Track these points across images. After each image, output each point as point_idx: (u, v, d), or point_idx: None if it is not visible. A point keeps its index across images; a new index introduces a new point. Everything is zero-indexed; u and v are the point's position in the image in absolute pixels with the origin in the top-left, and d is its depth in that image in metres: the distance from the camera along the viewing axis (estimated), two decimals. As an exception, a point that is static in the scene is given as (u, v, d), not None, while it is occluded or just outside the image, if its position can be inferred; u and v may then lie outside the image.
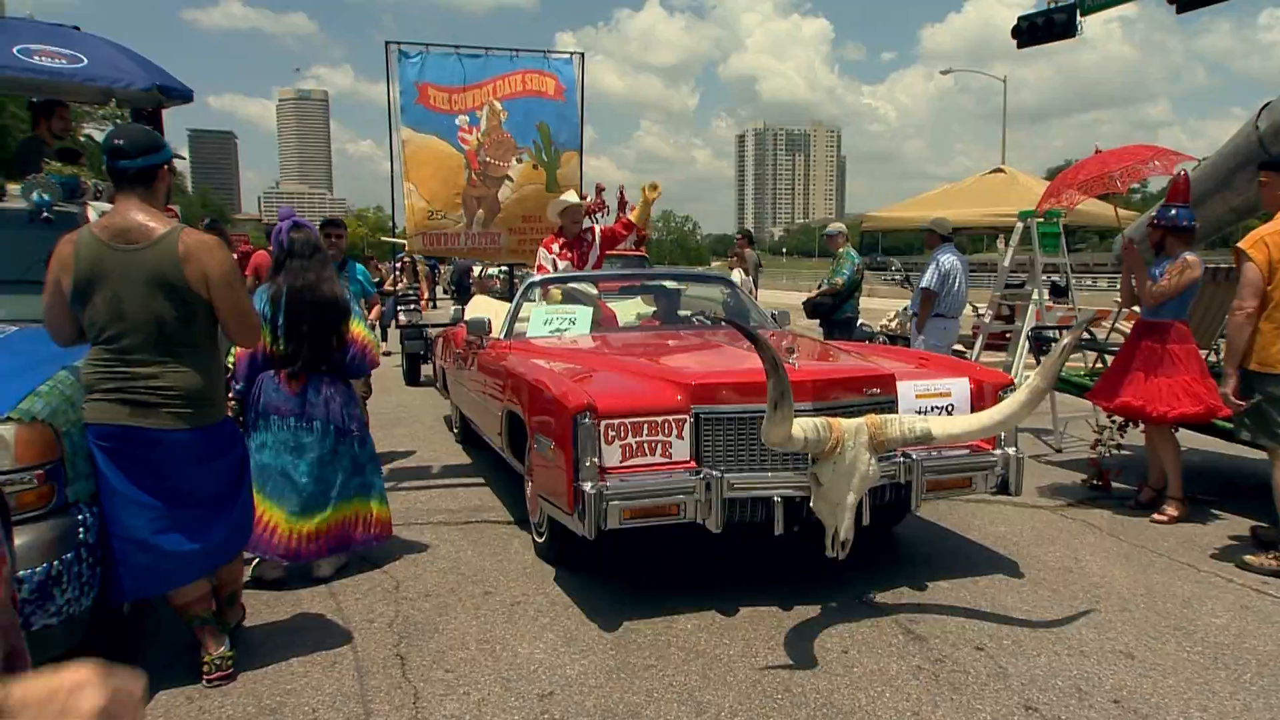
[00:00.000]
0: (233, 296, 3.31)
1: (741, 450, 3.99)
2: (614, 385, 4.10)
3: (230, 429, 3.54)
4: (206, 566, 3.49)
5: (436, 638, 3.95)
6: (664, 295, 6.74)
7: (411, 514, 5.88)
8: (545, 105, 9.15)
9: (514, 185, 9.09)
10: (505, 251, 9.34)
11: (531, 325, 5.88)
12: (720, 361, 4.69)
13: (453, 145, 8.95)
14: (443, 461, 7.64)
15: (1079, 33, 12.49)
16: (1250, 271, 4.46)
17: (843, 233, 10.54)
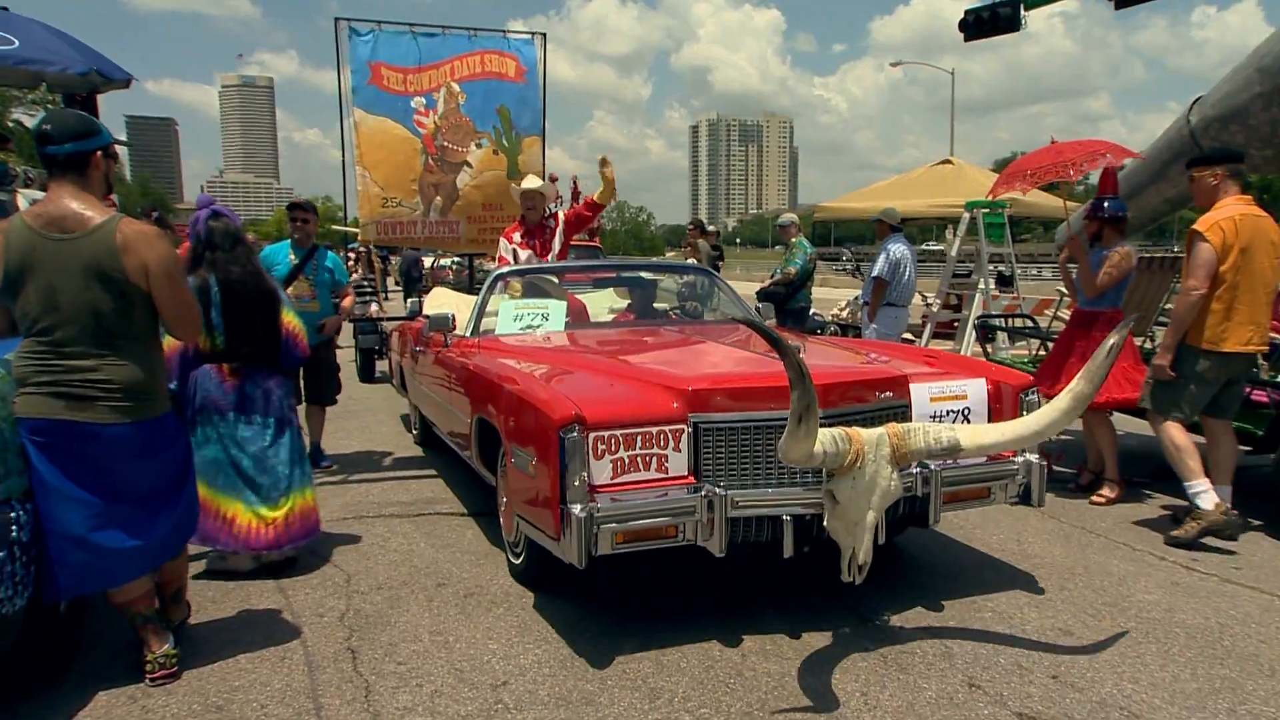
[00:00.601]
0: (174, 289, 3.29)
1: (745, 463, 3.68)
2: (602, 392, 3.79)
3: (173, 423, 3.49)
4: (148, 564, 3.45)
5: (388, 630, 3.94)
6: (639, 287, 6.52)
7: (363, 507, 5.86)
8: (506, 88, 8.98)
9: (473, 171, 8.92)
10: (464, 241, 9.16)
11: (500, 321, 5.66)
12: (716, 363, 4.40)
13: (408, 129, 8.78)
14: (394, 454, 7.59)
15: (1023, 26, 12.86)
16: (1205, 252, 4.64)
17: (795, 223, 10.67)
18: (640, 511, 3.46)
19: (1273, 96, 9.62)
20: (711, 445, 3.68)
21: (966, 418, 4.08)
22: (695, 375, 3.87)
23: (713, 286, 6.41)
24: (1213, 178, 4.86)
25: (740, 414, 3.68)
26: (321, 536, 4.85)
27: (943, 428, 3.37)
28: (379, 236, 8.98)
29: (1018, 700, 3.35)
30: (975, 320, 10.75)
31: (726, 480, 3.68)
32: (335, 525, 5.45)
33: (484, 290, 5.93)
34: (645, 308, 6.34)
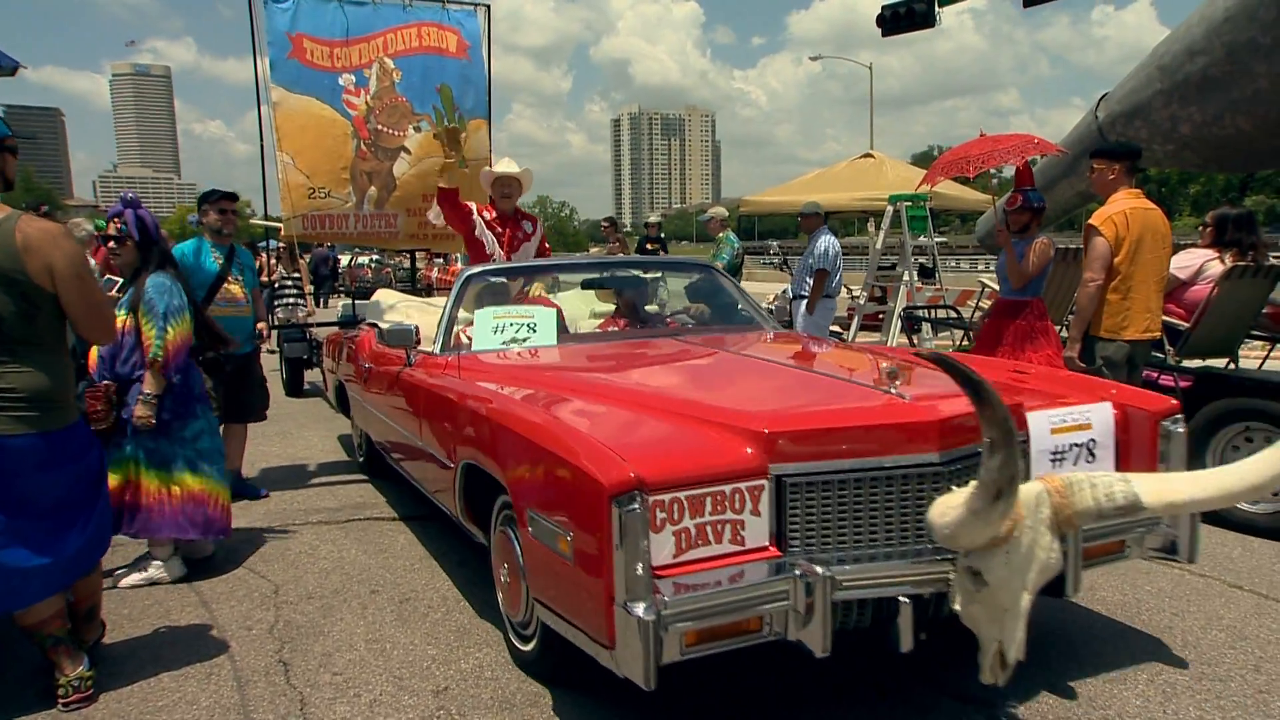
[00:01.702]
0: (83, 290, 3.19)
1: (844, 527, 2.86)
2: (652, 438, 2.93)
3: (83, 434, 3.39)
4: (58, 583, 3.34)
5: (322, 640, 3.87)
6: (629, 288, 5.57)
7: (288, 515, 5.74)
8: (446, 64, 8.07)
9: (412, 158, 8.00)
10: (403, 236, 8.20)
11: (478, 334, 4.68)
12: (785, 390, 3.51)
13: (336, 109, 7.84)
14: (318, 459, 7.31)
15: (938, 23, 13.22)
16: (1100, 246, 4.93)
17: (722, 217, 10.69)
18: (722, 604, 2.58)
19: (1172, 93, 10.44)
20: (800, 506, 2.83)
21: (1092, 453, 3.28)
22: (772, 411, 3.00)
23: (717, 284, 5.54)
24: (1110, 172, 5.13)
25: (836, 463, 2.84)
26: (245, 545, 4.97)
27: (1114, 479, 2.59)
28: (305, 232, 7.95)
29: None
30: (901, 312, 11.20)
31: (818, 551, 2.82)
32: (260, 535, 5.34)
33: (453, 294, 4.97)
34: (639, 313, 5.42)
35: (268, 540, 5.22)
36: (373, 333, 6.01)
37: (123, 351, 4.37)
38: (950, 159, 6.77)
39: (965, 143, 6.96)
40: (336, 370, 6.84)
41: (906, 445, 2.87)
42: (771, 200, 15.79)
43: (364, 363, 5.75)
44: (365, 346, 5.88)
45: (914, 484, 2.87)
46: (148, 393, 4.28)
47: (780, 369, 3.75)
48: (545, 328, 4.76)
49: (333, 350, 7.06)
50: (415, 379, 4.55)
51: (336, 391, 6.90)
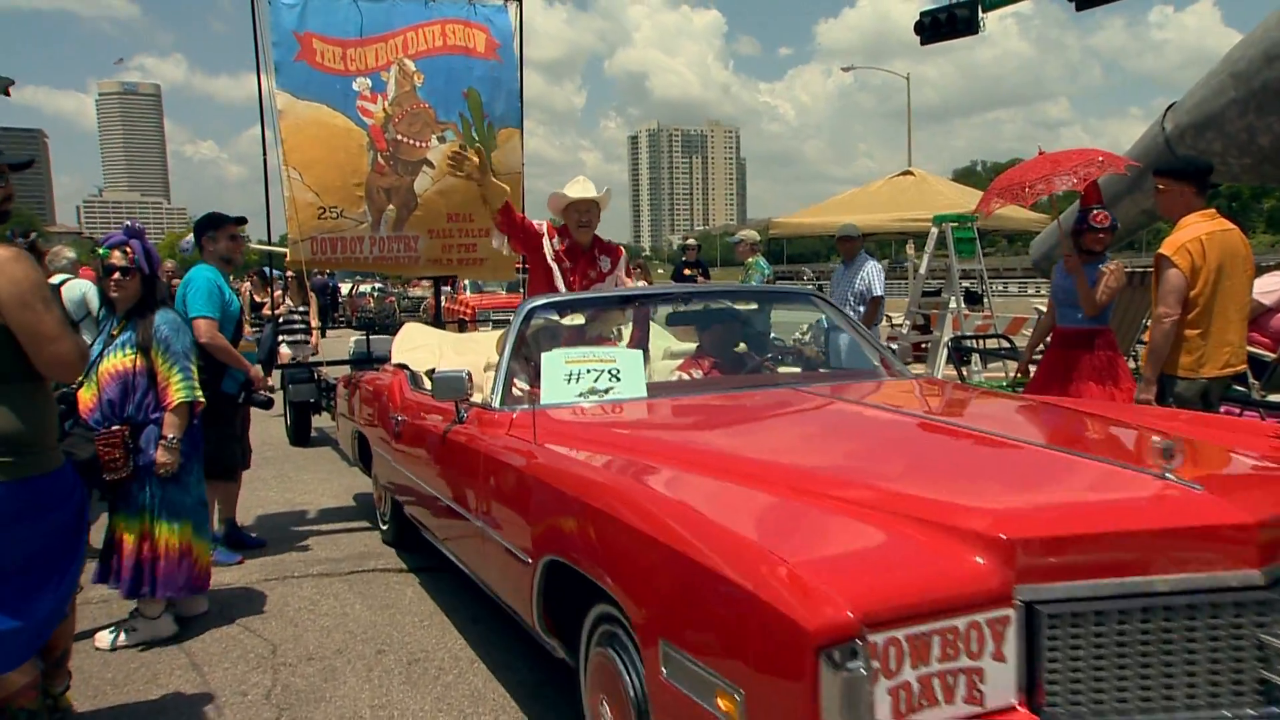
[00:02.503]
0: (30, 319, 2.94)
1: (1125, 678, 2.05)
2: (850, 544, 2.17)
3: (64, 481, 3.13)
4: (29, 649, 3.08)
5: (324, 707, 3.71)
6: (719, 323, 4.76)
7: (287, 566, 5.48)
8: (474, 66, 7.38)
9: (435, 173, 7.32)
10: (424, 262, 7.48)
11: (547, 383, 3.87)
12: (1008, 472, 2.62)
13: (350, 117, 7.13)
14: (319, 504, 6.96)
15: (982, 29, 12.94)
16: (1174, 278, 4.65)
17: (753, 241, 10.32)
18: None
19: (1248, 102, 9.91)
20: (1062, 646, 2.04)
21: None
22: (1008, 506, 2.20)
23: (829, 317, 4.74)
24: (1178, 192, 4.82)
25: (1109, 584, 2.02)
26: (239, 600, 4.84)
27: None
28: (314, 257, 7.20)
29: None
30: (948, 342, 10.64)
31: (1090, 713, 2.01)
32: (256, 589, 5.11)
33: (513, 331, 4.18)
34: (731, 354, 4.63)
35: (264, 595, 5.01)
36: (403, 377, 5.21)
37: (135, 394, 4.21)
38: (1006, 183, 6.34)
39: (1022, 164, 6.56)
40: (355, 418, 6.02)
41: (1211, 558, 2.07)
42: (804, 222, 15.18)
43: (395, 414, 4.94)
44: (396, 394, 5.08)
45: (1227, 615, 2.06)
46: (171, 436, 4.20)
47: (985, 440, 2.92)
48: (631, 375, 3.97)
49: (350, 394, 6.23)
50: (471, 441, 3.77)
51: (355, 444, 6.07)
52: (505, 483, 3.37)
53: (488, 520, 3.57)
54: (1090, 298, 5.38)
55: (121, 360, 4.18)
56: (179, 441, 4.23)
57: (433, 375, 4.60)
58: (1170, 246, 4.69)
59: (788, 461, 2.78)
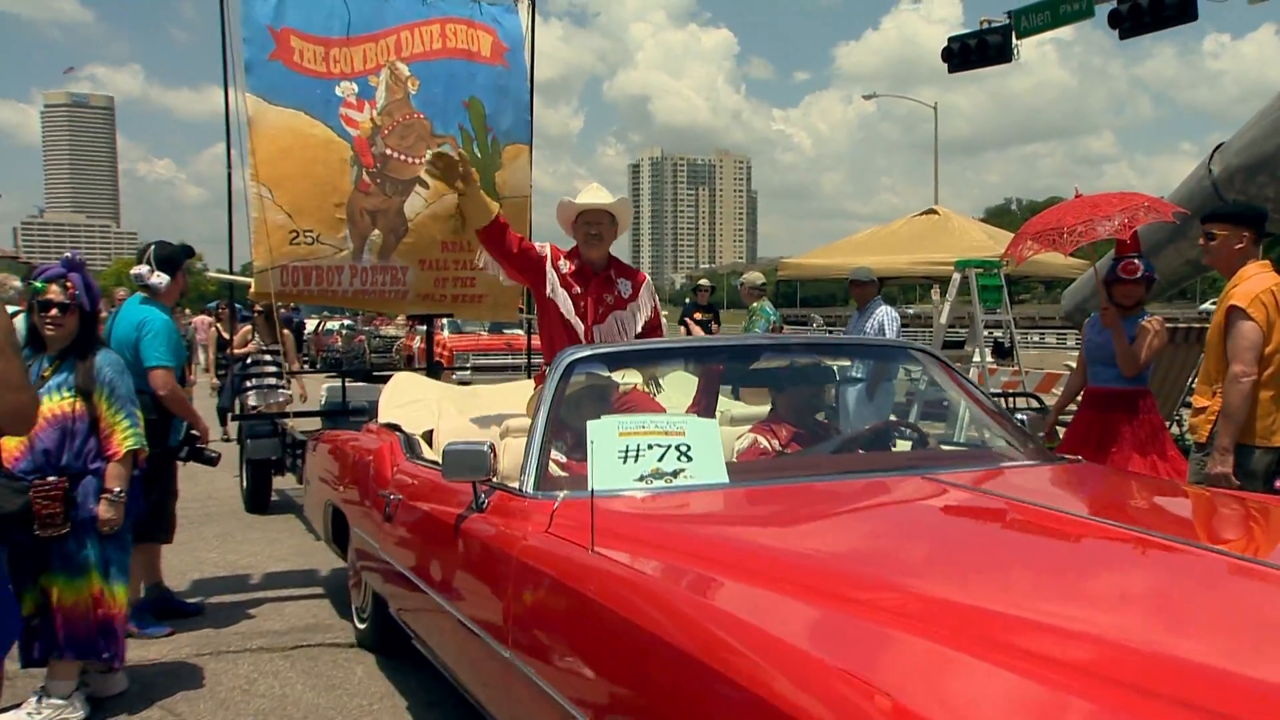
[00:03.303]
0: None
1: None
2: None
3: None
4: None
5: None
6: (802, 382, 3.90)
7: (222, 639, 5.17)
8: (478, 72, 6.64)
9: (429, 194, 6.47)
10: (414, 297, 6.66)
11: (597, 463, 3.01)
12: None
13: (331, 127, 6.29)
14: (265, 568, 6.55)
15: (1016, 57, 12.51)
16: (1253, 332, 4.44)
17: (759, 285, 9.84)
18: None
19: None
20: None
21: None
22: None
23: (938, 379, 3.88)
24: (1237, 240, 4.59)
25: None
26: (164, 678, 4.57)
27: None
28: (284, 289, 6.33)
29: None
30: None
31: None
32: (184, 664, 4.82)
33: (546, 391, 3.34)
34: (816, 422, 3.78)
35: (195, 671, 4.70)
36: (395, 442, 4.30)
37: (75, 441, 4.01)
38: (1040, 227, 6.02)
39: (1057, 206, 6.28)
40: (330, 486, 5.07)
41: None
42: (816, 263, 14.75)
43: (387, 491, 4.03)
44: (387, 464, 4.18)
45: None
46: (117, 490, 4.03)
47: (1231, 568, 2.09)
48: (706, 453, 3.16)
49: (324, 456, 5.28)
50: (497, 540, 3.00)
51: (328, 518, 5.12)
52: (552, 604, 2.59)
53: (522, 652, 2.73)
54: (1130, 356, 5.14)
55: (59, 404, 3.98)
56: (124, 495, 4.07)
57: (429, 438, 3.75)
58: (1244, 298, 4.46)
59: (998, 605, 1.94)
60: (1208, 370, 4.62)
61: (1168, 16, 10.59)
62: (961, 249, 12.12)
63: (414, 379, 5.57)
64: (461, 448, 3.11)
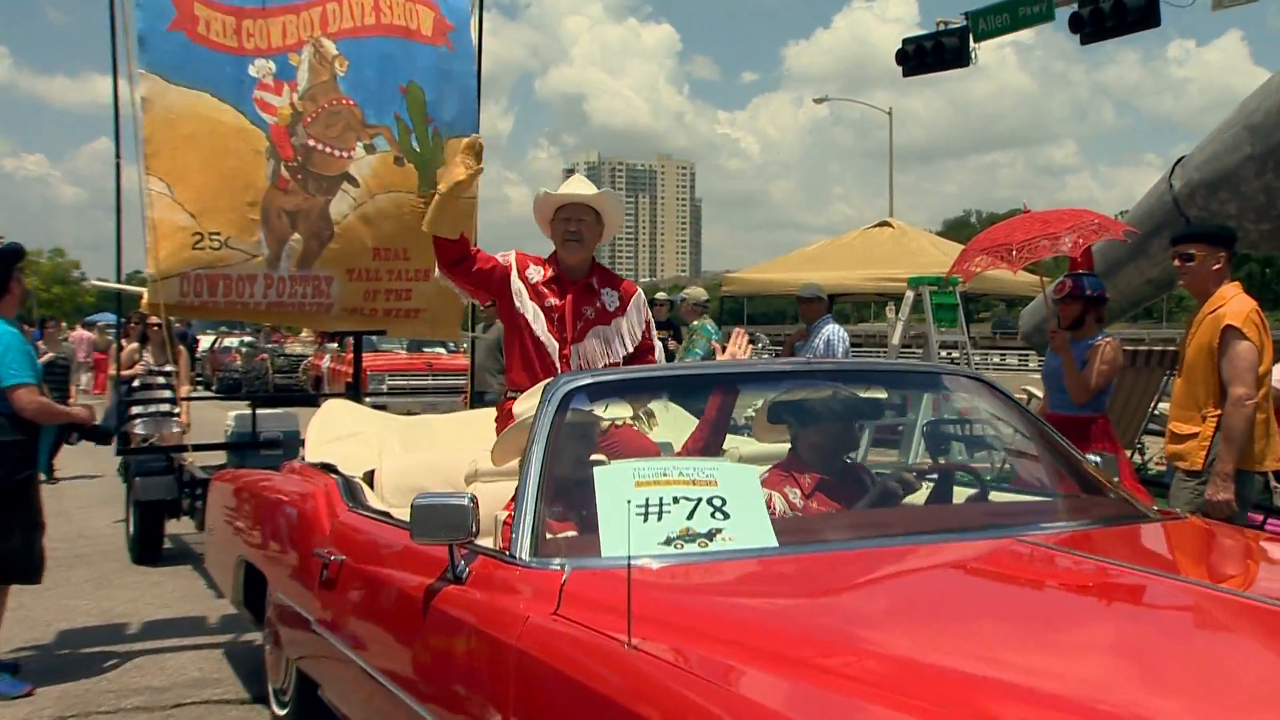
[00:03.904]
0: None
1: None
2: None
3: None
4: None
5: None
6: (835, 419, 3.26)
7: (91, 699, 4.71)
8: (417, 54, 5.95)
9: (359, 192, 5.81)
10: (339, 311, 6.00)
11: (612, 524, 2.41)
12: None
13: (243, 113, 5.60)
14: (145, 615, 6.01)
15: (973, 61, 12.27)
16: (1250, 353, 4.42)
17: (698, 300, 9.40)
18: None
19: (1266, 160, 9.12)
20: None
21: None
22: None
23: (1004, 412, 3.25)
24: (1215, 261, 4.58)
25: None
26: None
27: None
28: (185, 301, 5.59)
29: None
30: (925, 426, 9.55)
31: None
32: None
33: (539, 429, 2.75)
34: (845, 466, 3.13)
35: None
36: (331, 486, 3.55)
37: None
38: (988, 243, 6.02)
39: (1006, 222, 6.32)
40: (242, 538, 4.25)
41: None
42: (763, 278, 14.37)
43: (325, 551, 3.27)
44: (322, 514, 3.42)
45: None
46: None
47: None
48: (745, 507, 2.54)
49: (234, 501, 4.44)
50: (486, 621, 2.41)
51: (239, 576, 4.28)
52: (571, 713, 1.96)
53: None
54: (1079, 382, 5.16)
55: None
56: None
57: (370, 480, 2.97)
58: (1238, 317, 4.42)
59: None
60: (1193, 394, 4.52)
61: (1130, 21, 10.50)
62: (917, 264, 11.84)
63: (348, 408, 4.77)
64: (436, 501, 2.45)
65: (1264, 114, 9.23)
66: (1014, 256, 5.66)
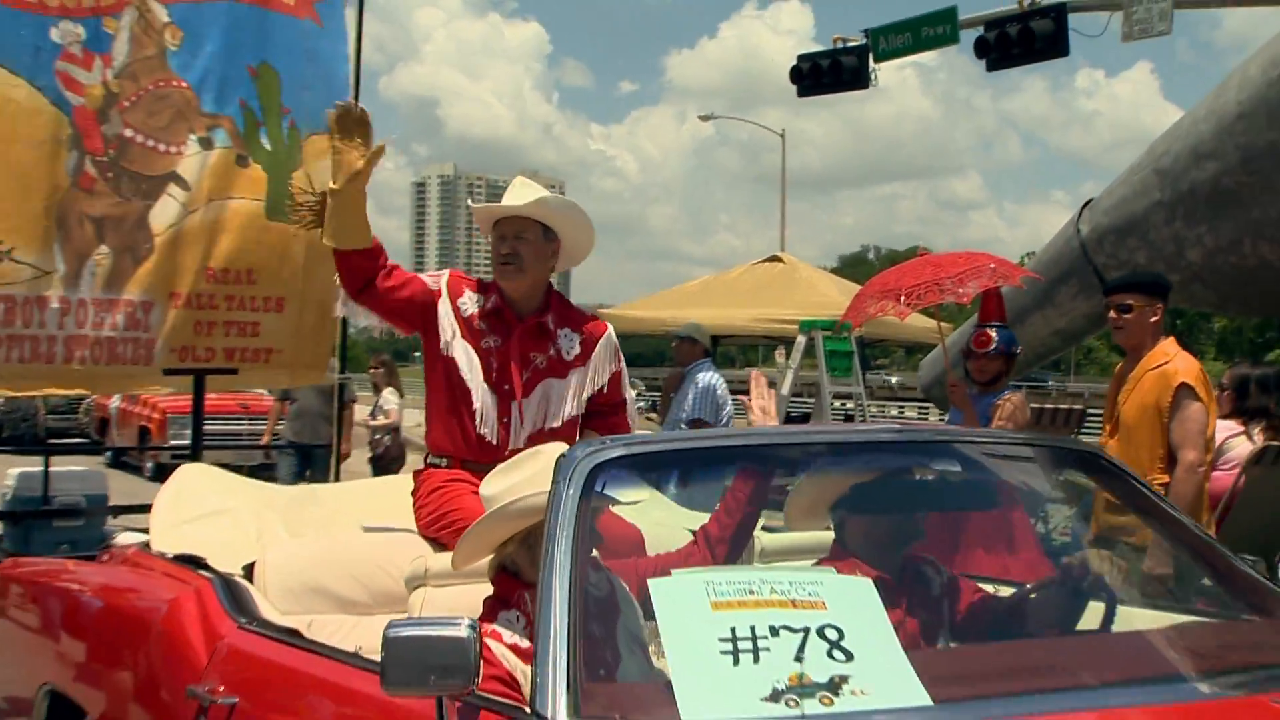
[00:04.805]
0: None
1: None
2: None
3: None
4: None
5: None
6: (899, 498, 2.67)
7: None
8: (274, 26, 5.05)
9: (188, 198, 4.87)
10: (165, 350, 4.90)
11: (690, 672, 1.73)
12: None
13: (40, 89, 4.57)
14: None
15: (873, 82, 12.05)
16: (1202, 414, 4.34)
17: None
18: None
19: (1176, 207, 9.11)
20: None
21: None
22: None
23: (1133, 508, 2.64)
24: (1153, 312, 4.52)
25: None
26: None
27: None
28: None
29: None
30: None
31: None
32: None
33: (559, 519, 2.00)
34: (915, 567, 2.48)
35: None
36: (205, 590, 2.62)
37: None
38: (880, 288, 5.98)
39: (899, 267, 6.33)
40: (48, 658, 3.16)
41: None
42: (640, 315, 13.93)
43: (200, 687, 2.41)
44: (194, 629, 2.56)
45: None
46: None
47: None
48: (872, 643, 1.88)
49: (30, 601, 3.33)
50: None
51: (43, 713, 3.16)
52: None
53: None
54: None
55: None
56: None
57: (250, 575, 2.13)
58: (1190, 374, 4.35)
59: None
60: (1135, 458, 4.22)
61: (1038, 49, 10.41)
62: (810, 304, 11.62)
63: (210, 476, 3.69)
64: (422, 632, 1.74)
65: (1173, 158, 9.29)
66: (902, 302, 5.54)
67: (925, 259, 6.07)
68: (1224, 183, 8.85)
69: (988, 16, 11.12)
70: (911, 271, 5.82)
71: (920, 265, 5.87)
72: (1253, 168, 8.68)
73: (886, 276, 6.19)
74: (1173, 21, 9.99)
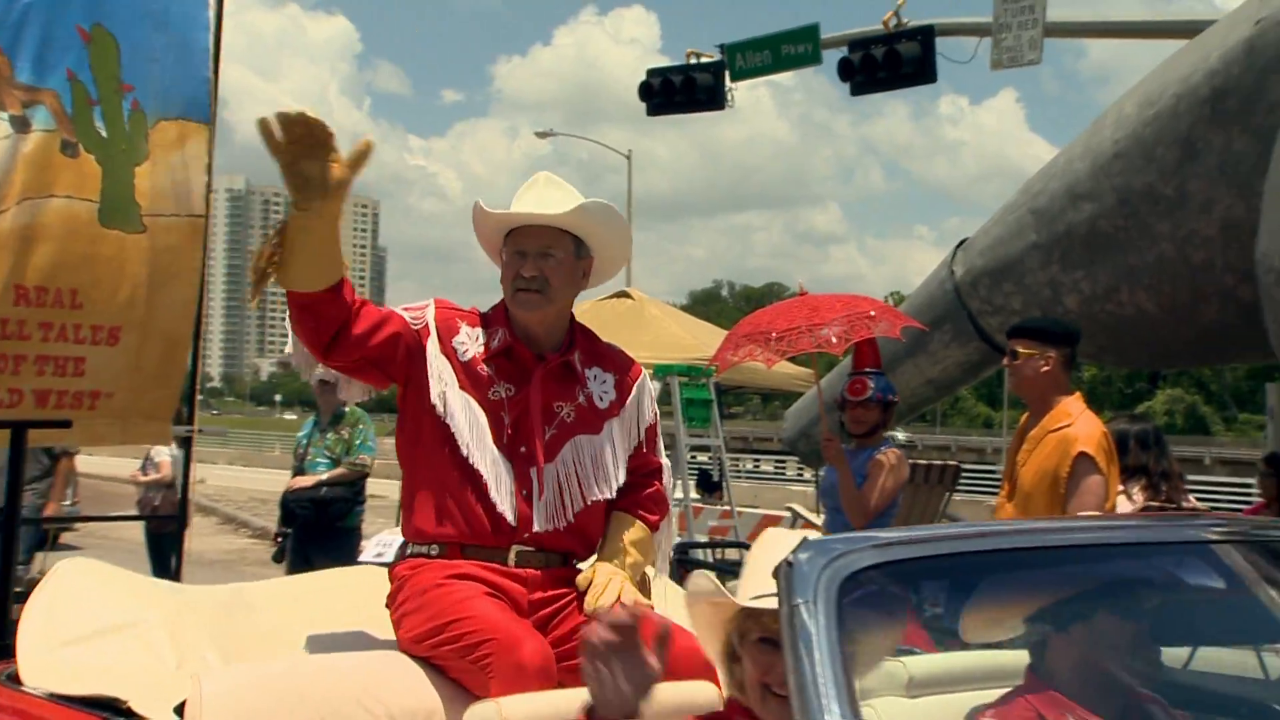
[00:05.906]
0: None
1: None
2: None
3: None
4: None
5: None
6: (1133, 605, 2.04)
7: None
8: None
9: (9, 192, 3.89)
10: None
11: None
12: None
13: None
14: None
15: (729, 103, 11.89)
16: (1101, 487, 4.29)
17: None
18: None
19: (1052, 249, 9.13)
20: None
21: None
22: None
23: None
24: (1043, 362, 4.35)
25: None
26: None
27: None
28: None
29: None
30: (672, 550, 9.00)
31: None
32: None
33: (810, 633, 1.46)
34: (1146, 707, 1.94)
35: None
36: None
37: None
38: (750, 329, 5.97)
39: (773, 306, 6.38)
40: None
41: None
42: None
43: None
44: None
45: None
46: None
47: None
48: None
49: None
50: None
51: None
52: None
53: None
54: (857, 502, 4.99)
55: None
56: None
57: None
58: (1090, 442, 4.26)
59: None
60: None
61: (904, 74, 10.41)
62: (660, 346, 10.92)
63: (104, 575, 2.61)
64: None
65: (1049, 197, 9.25)
66: (771, 347, 5.50)
67: (803, 300, 5.96)
68: (1100, 225, 8.89)
69: (852, 36, 11.17)
70: (784, 314, 5.75)
71: (796, 306, 5.80)
72: (1129, 210, 8.73)
73: (758, 317, 6.12)
74: (1043, 51, 10.20)
